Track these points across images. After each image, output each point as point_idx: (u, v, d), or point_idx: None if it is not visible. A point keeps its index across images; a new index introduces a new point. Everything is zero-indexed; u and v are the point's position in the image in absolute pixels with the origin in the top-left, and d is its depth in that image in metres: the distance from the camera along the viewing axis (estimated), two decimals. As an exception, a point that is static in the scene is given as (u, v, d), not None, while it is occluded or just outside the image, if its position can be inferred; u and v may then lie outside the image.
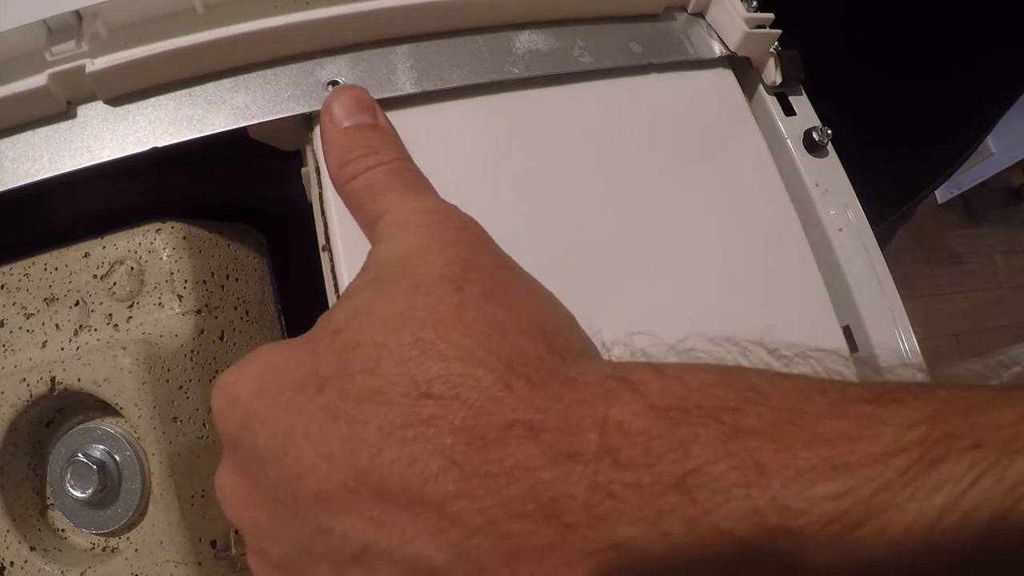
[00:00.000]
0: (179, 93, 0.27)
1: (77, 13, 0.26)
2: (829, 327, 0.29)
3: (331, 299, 0.27)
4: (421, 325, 0.17)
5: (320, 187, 0.27)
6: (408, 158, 0.25)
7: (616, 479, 0.14)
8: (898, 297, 0.31)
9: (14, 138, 0.27)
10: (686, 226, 0.29)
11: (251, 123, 0.27)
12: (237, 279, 0.33)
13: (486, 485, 0.15)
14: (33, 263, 0.30)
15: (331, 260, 0.26)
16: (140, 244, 0.30)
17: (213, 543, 0.28)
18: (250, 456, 0.18)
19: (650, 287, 0.28)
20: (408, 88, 0.28)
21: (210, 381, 0.30)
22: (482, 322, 0.18)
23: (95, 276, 0.30)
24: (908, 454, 0.12)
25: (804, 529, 0.12)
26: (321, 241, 0.27)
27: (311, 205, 0.29)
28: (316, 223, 0.28)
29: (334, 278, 0.26)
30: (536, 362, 0.17)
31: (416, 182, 0.24)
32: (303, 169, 0.30)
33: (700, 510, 0.13)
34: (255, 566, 0.19)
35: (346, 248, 0.26)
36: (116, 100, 0.27)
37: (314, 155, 0.28)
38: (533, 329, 0.18)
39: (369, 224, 0.23)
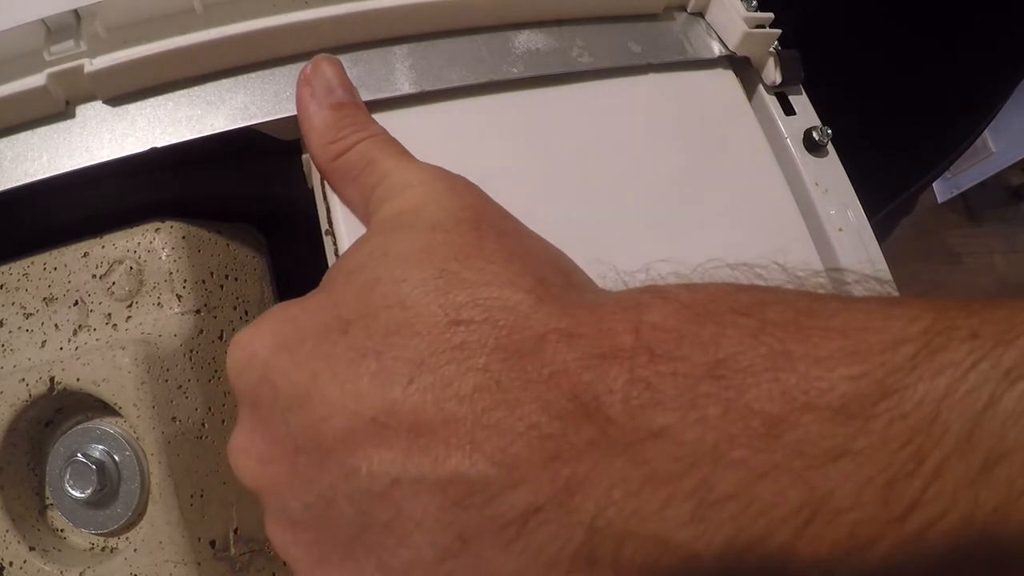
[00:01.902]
0: (178, 93, 0.27)
1: (76, 12, 0.26)
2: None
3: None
4: (444, 258, 0.17)
5: (322, 172, 0.27)
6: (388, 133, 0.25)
7: (653, 370, 0.14)
8: (898, 297, 0.31)
9: (13, 138, 0.27)
10: (687, 226, 0.29)
11: (251, 123, 0.27)
12: (237, 279, 0.33)
13: (525, 393, 0.15)
14: (32, 263, 0.30)
15: (334, 244, 0.26)
16: (139, 244, 0.30)
17: (212, 543, 0.28)
18: (269, 410, 0.17)
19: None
20: (407, 88, 0.28)
21: (209, 381, 0.30)
22: (503, 252, 0.18)
23: (94, 276, 0.30)
24: (914, 343, 0.13)
25: (828, 406, 0.13)
26: (324, 225, 0.27)
27: (311, 195, 0.28)
28: (318, 207, 0.28)
29: (338, 261, 0.26)
30: (561, 287, 0.17)
31: (406, 151, 0.24)
32: (304, 156, 0.30)
33: (734, 393, 0.13)
34: (274, 532, 0.18)
35: (349, 230, 0.26)
36: (115, 100, 0.27)
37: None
38: (551, 266, 0.19)
39: (365, 193, 0.23)
